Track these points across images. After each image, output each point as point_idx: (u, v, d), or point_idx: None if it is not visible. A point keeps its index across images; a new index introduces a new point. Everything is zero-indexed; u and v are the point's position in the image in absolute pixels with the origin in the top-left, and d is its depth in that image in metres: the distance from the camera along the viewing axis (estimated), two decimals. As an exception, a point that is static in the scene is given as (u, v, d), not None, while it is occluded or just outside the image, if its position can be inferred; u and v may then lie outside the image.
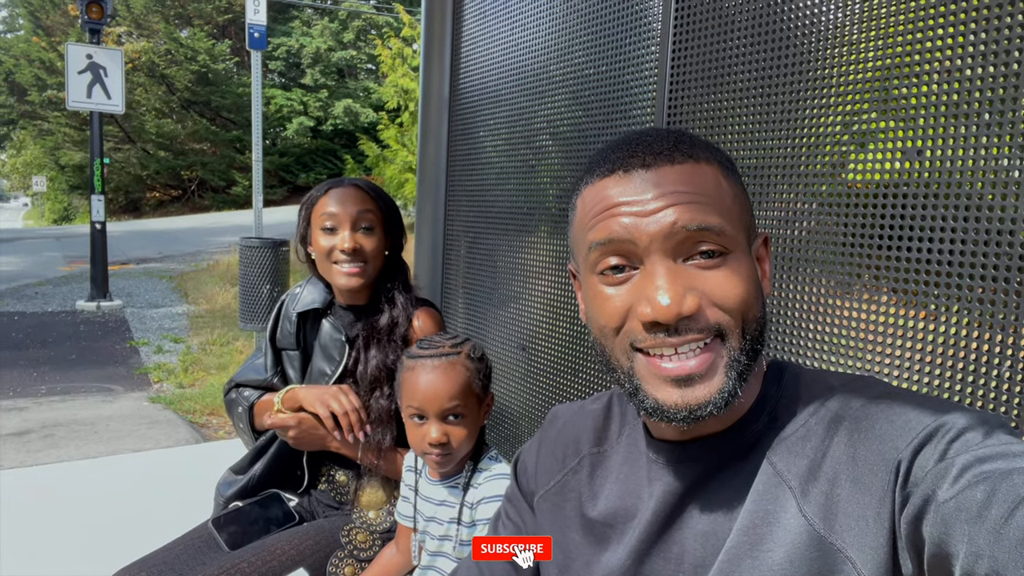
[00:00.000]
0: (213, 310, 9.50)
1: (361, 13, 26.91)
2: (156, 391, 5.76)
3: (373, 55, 25.10)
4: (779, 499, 0.66)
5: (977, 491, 0.52)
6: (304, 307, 1.71)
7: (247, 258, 5.08)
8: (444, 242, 2.45)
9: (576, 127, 1.89)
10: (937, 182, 1.18)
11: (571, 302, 1.90)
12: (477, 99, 2.31)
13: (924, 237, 1.16)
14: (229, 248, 14.17)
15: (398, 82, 11.12)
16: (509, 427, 2.20)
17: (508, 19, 2.16)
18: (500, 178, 2.22)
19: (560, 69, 1.94)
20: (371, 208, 1.60)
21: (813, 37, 1.33)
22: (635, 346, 0.69)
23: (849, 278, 1.26)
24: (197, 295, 10.38)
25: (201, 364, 6.69)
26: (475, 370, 1.31)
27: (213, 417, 5.09)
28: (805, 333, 1.31)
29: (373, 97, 25.56)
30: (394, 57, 11.29)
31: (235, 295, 10.16)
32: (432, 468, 1.35)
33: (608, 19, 1.77)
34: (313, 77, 26.73)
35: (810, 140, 1.31)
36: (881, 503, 0.60)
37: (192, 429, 4.68)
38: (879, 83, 1.26)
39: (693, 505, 0.73)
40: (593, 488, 0.84)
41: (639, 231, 0.67)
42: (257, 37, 4.84)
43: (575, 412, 0.94)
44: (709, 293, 0.67)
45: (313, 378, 1.67)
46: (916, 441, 0.60)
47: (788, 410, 0.72)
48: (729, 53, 1.44)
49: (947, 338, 1.14)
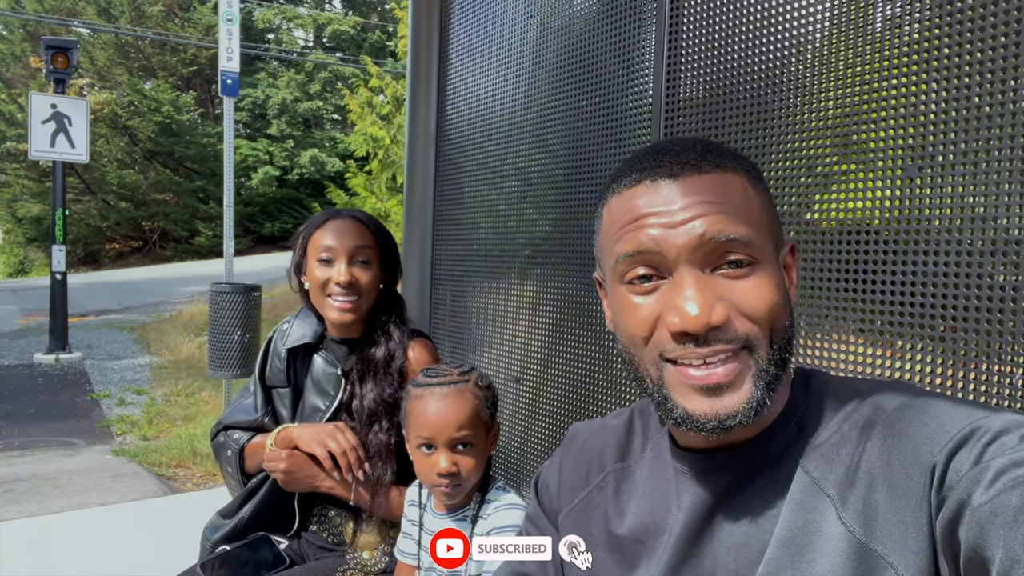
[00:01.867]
0: (177, 361, 9.28)
1: (327, 65, 27.19)
2: (119, 444, 5.57)
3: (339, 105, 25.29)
4: (818, 508, 0.65)
5: (1013, 496, 0.52)
6: (295, 342, 1.68)
7: (217, 304, 5.00)
8: (432, 277, 2.45)
9: (567, 160, 1.92)
10: (898, 219, 1.23)
11: (565, 333, 1.90)
12: (465, 133, 2.33)
13: (887, 275, 1.20)
14: (192, 298, 13.92)
15: (367, 130, 11.20)
16: (506, 459, 2.18)
17: (496, 52, 2.20)
18: (489, 212, 2.23)
19: (550, 101, 1.97)
20: (368, 243, 1.59)
21: (778, 86, 1.39)
22: (664, 356, 0.69)
23: (816, 319, 1.29)
24: (160, 346, 10.14)
25: (166, 415, 6.51)
26: (483, 398, 1.30)
27: (181, 469, 4.93)
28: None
29: (339, 147, 25.66)
30: (362, 106, 11.40)
31: (199, 345, 9.95)
32: (440, 500, 1.32)
33: (600, 52, 1.81)
34: (279, 127, 26.77)
35: (776, 183, 1.36)
36: (919, 508, 0.60)
37: (159, 482, 4.53)
38: (839, 128, 1.32)
39: (724, 516, 0.72)
40: (619, 504, 0.83)
41: (667, 242, 0.67)
42: (230, 84, 4.85)
43: (596, 429, 0.92)
44: (738, 303, 0.67)
45: (306, 415, 1.63)
46: (951, 444, 0.59)
47: (817, 417, 0.71)
48: (719, 95, 1.49)
49: (913, 375, 1.17)
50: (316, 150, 26.21)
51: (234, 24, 4.90)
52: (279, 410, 1.71)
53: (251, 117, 27.56)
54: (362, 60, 15.01)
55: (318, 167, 25.91)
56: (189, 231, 25.91)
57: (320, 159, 25.94)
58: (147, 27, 24.50)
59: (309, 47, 29.83)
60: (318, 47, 29.62)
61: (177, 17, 26.65)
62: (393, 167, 10.78)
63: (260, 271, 13.97)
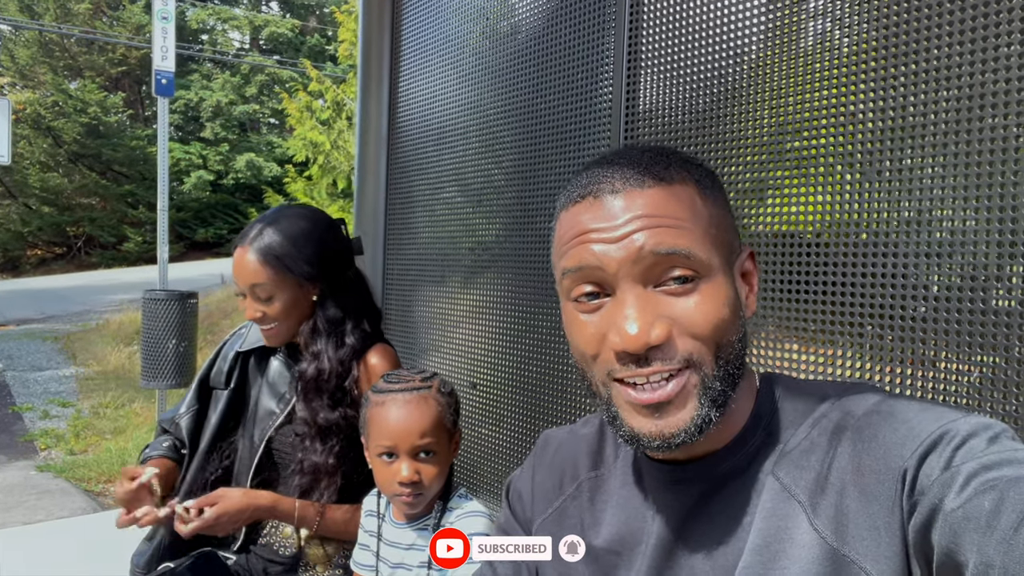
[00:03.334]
0: (105, 371, 8.91)
1: (264, 67, 26.64)
2: (44, 459, 5.31)
3: (277, 109, 24.78)
4: (789, 515, 0.66)
5: (985, 500, 0.52)
6: (251, 345, 1.64)
7: (151, 312, 4.82)
8: (383, 281, 2.41)
9: (522, 164, 1.92)
10: (831, 225, 1.27)
11: (519, 338, 1.90)
12: (417, 136, 2.31)
13: (821, 280, 1.25)
14: (121, 306, 13.39)
15: (306, 135, 11.03)
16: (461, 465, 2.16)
17: (450, 54, 2.18)
18: (442, 215, 2.21)
19: (506, 105, 1.97)
20: (261, 280, 1.50)
21: (717, 96, 1.43)
22: (612, 376, 0.68)
23: (752, 325, 1.33)
24: (86, 356, 9.72)
25: (94, 429, 6.23)
26: (446, 404, 1.27)
27: (111, 485, 4.72)
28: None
29: (277, 151, 25.14)
30: (301, 110, 11.23)
31: (129, 355, 9.58)
32: (401, 509, 1.29)
33: (559, 55, 1.81)
34: (213, 130, 26.07)
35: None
36: (891, 512, 0.60)
37: (88, 498, 4.33)
38: (774, 136, 1.36)
39: (698, 526, 0.72)
40: (595, 514, 0.82)
41: (608, 257, 0.67)
42: (165, 83, 4.70)
43: (567, 435, 0.91)
44: (680, 321, 0.66)
45: (260, 417, 1.59)
46: (921, 449, 0.60)
47: (785, 423, 0.71)
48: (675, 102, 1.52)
49: (850, 374, 1.21)
50: (253, 154, 25.63)
51: (169, 22, 4.75)
52: (209, 413, 1.67)
53: (184, 120, 26.79)
54: (301, 63, 14.77)
55: (255, 172, 25.34)
56: (116, 237, 24.97)
57: (257, 163, 25.37)
58: (73, 25, 23.54)
59: (245, 49, 29.17)
60: (255, 49, 29.00)
61: (105, 15, 25.71)
62: (334, 172, 10.63)
63: (193, 278, 13.53)
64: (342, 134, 10.61)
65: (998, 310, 1.07)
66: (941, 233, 1.13)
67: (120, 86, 26.01)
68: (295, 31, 28.46)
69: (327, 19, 28.12)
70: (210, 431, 1.62)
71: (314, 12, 30.21)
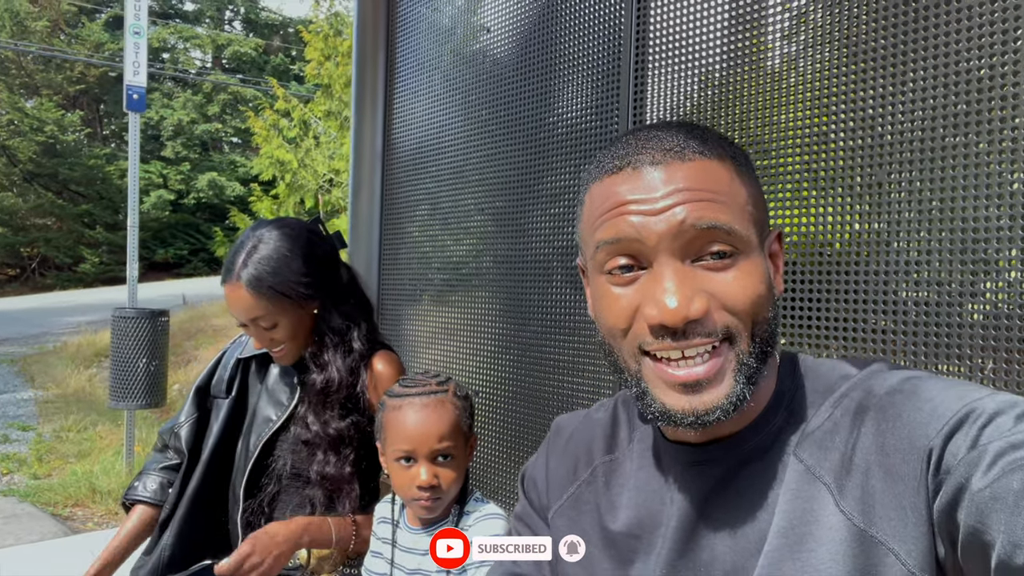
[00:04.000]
0: (65, 394, 8.68)
1: (227, 86, 26.40)
2: (7, 483, 5.16)
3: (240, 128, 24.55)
4: (815, 497, 0.65)
5: (1013, 479, 0.51)
6: (252, 352, 1.65)
7: (121, 330, 4.74)
8: (379, 294, 2.43)
9: (521, 176, 1.95)
10: (801, 243, 1.31)
11: (517, 346, 1.94)
12: (413, 148, 2.33)
13: (793, 297, 1.29)
14: (79, 328, 13.05)
15: (273, 153, 10.97)
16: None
17: (447, 67, 2.20)
18: (440, 228, 2.23)
19: (503, 117, 2.00)
20: (260, 313, 1.47)
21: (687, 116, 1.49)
22: (643, 349, 0.67)
23: None
24: (45, 379, 9.46)
25: (57, 452, 6.08)
26: (462, 408, 1.27)
27: (79, 508, 4.62)
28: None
29: (240, 170, 24.87)
30: (268, 128, 11.17)
31: (90, 377, 9.35)
32: (418, 514, 1.28)
33: (562, 69, 1.85)
34: (174, 149, 25.71)
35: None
36: (916, 492, 0.59)
37: (57, 522, 4.23)
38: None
39: (718, 508, 0.70)
40: (611, 498, 0.81)
41: (647, 230, 0.65)
42: (136, 99, 4.67)
43: (581, 421, 0.91)
44: (718, 295, 0.65)
45: (256, 425, 1.60)
46: (947, 428, 0.59)
47: (807, 402, 0.71)
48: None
49: None
50: (215, 173, 25.31)
51: (141, 37, 4.73)
52: (211, 422, 1.66)
53: (143, 138, 26.36)
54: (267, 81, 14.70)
55: (217, 191, 25.02)
56: (73, 258, 24.37)
57: (219, 183, 25.06)
58: (30, 42, 23.09)
59: (208, 68, 28.89)
60: (217, 68, 28.74)
61: (64, 33, 25.27)
62: (301, 191, 10.56)
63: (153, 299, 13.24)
64: (309, 152, 10.56)
65: (974, 323, 1.10)
66: (910, 251, 1.17)
67: (78, 104, 25.54)
68: (259, 50, 28.30)
69: (291, 39, 28.03)
70: (212, 440, 1.62)
71: (278, 32, 30.09)
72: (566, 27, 1.81)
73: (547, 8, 1.87)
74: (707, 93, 1.51)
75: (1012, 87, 1.07)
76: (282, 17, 30.75)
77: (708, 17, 1.47)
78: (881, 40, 1.22)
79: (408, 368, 2.32)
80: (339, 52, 9.46)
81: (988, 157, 1.10)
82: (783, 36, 1.38)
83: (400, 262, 2.39)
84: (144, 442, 5.86)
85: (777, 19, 1.38)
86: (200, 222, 25.47)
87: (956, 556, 0.57)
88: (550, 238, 1.85)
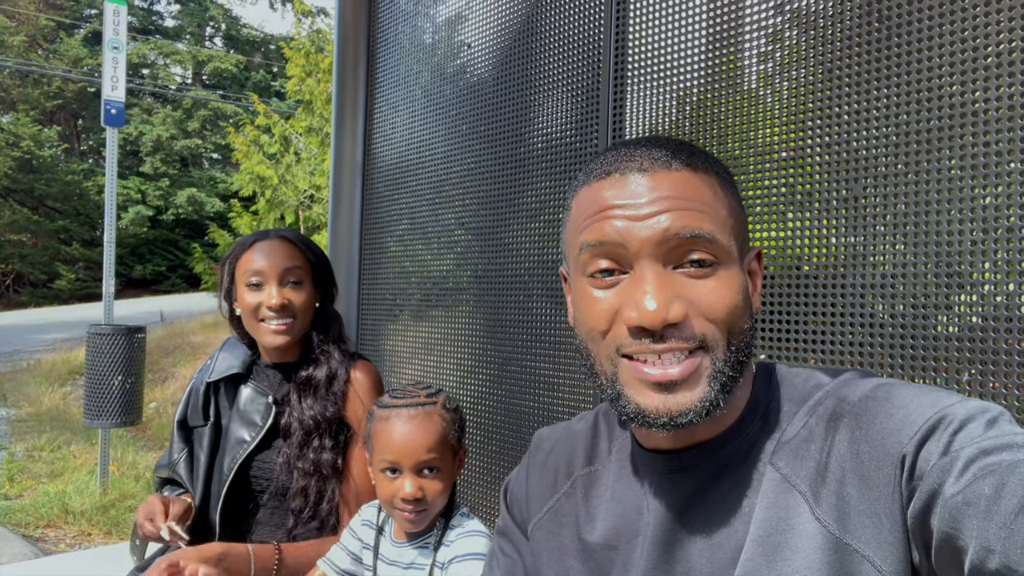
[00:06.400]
0: (39, 413, 8.52)
1: (207, 102, 26.31)
2: (-24, 505, 5.04)
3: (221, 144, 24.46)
4: (791, 506, 0.65)
5: (984, 485, 0.52)
6: (220, 374, 1.62)
7: (96, 347, 4.67)
8: (359, 309, 2.42)
9: (500, 191, 1.96)
10: (774, 259, 1.33)
11: (499, 364, 1.93)
12: (393, 163, 2.33)
13: (769, 313, 1.31)
14: (54, 345, 12.86)
15: (253, 169, 10.92)
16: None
17: (427, 81, 2.22)
18: (420, 243, 2.24)
19: (483, 132, 2.01)
20: (299, 263, 1.55)
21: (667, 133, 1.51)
22: (620, 351, 0.68)
23: None
24: (18, 397, 9.28)
25: (29, 472, 5.95)
26: (451, 421, 1.27)
27: (51, 529, 4.52)
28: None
29: (220, 186, 24.73)
30: (249, 144, 11.13)
31: (64, 395, 9.20)
32: (404, 527, 1.27)
33: (541, 81, 1.87)
34: (153, 165, 25.52)
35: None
36: (891, 499, 0.60)
37: (28, 544, 4.13)
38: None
39: (695, 517, 0.71)
40: (590, 510, 0.81)
41: (631, 235, 0.67)
42: (115, 114, 4.64)
43: (561, 434, 0.91)
44: (697, 302, 0.66)
45: (230, 447, 1.57)
46: (919, 434, 0.60)
47: (782, 411, 0.71)
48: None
49: None
50: (194, 189, 25.14)
51: (120, 52, 4.71)
52: (196, 451, 1.64)
53: (122, 154, 26.15)
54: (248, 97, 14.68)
55: (196, 207, 24.84)
56: (48, 274, 24.05)
57: (199, 199, 24.89)
58: (6, 57, 22.88)
59: (188, 84, 28.78)
60: (197, 84, 28.64)
61: (42, 48, 25.09)
62: (281, 207, 10.51)
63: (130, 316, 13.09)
64: (290, 168, 10.52)
65: (949, 336, 1.12)
66: (885, 265, 1.19)
67: (55, 119, 25.32)
68: (240, 67, 28.26)
69: (273, 55, 28.03)
70: (202, 470, 1.59)
71: (259, 48, 30.08)
72: (546, 44, 1.83)
73: (527, 26, 1.89)
74: (686, 110, 1.52)
75: (983, 103, 1.10)
76: (263, 34, 30.77)
77: (686, 36, 1.50)
78: (856, 58, 1.24)
79: (387, 383, 2.31)
80: (320, 68, 9.47)
81: (961, 172, 1.12)
82: (759, 55, 1.40)
83: (380, 277, 2.39)
84: (119, 461, 5.76)
85: (753, 39, 1.40)
86: (179, 238, 25.25)
87: (930, 562, 0.58)
88: (530, 253, 1.85)
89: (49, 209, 24.42)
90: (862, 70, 1.24)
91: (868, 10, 1.23)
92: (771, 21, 1.38)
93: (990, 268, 1.08)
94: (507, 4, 1.95)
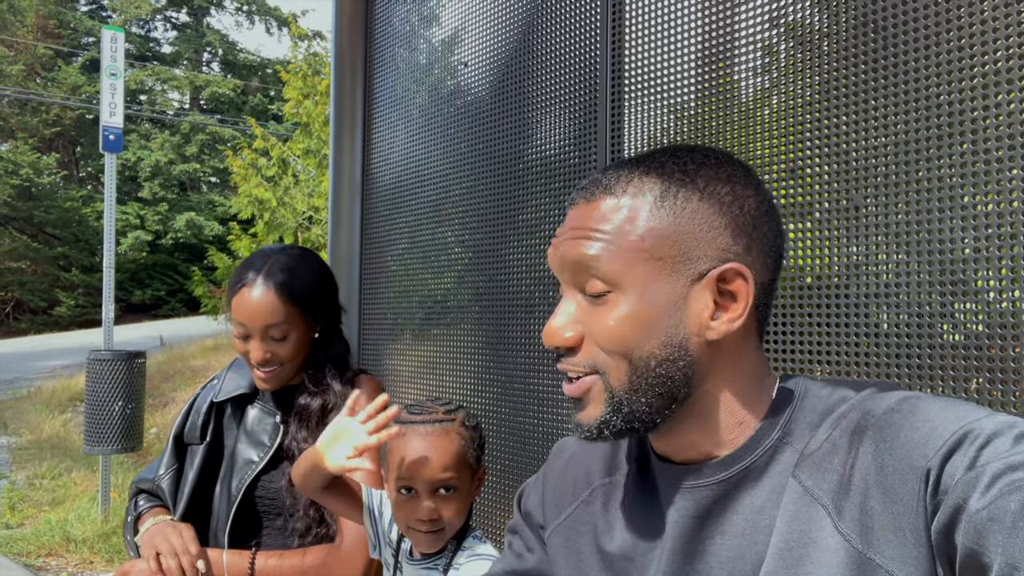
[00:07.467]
0: (39, 440, 8.48)
1: (205, 126, 26.45)
2: (-23, 534, 5.00)
3: (219, 168, 24.57)
4: (813, 519, 0.65)
5: (1011, 500, 0.51)
6: (227, 394, 1.61)
7: (96, 373, 4.66)
8: (360, 329, 2.42)
9: (499, 210, 1.96)
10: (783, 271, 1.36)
11: (501, 382, 1.92)
12: (392, 182, 2.33)
13: (774, 326, 1.30)
14: (54, 372, 12.83)
15: (251, 192, 10.95)
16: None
17: (423, 99, 2.22)
18: (420, 263, 2.23)
19: (481, 151, 2.02)
20: (280, 318, 1.46)
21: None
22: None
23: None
24: (19, 425, 9.25)
25: (30, 500, 5.92)
26: (469, 439, 1.22)
27: (52, 558, 4.49)
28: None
29: (219, 210, 24.81)
30: (247, 167, 11.18)
31: (64, 422, 9.16)
32: (418, 547, 1.24)
33: (539, 98, 1.87)
34: (152, 190, 25.63)
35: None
36: (916, 513, 0.59)
37: (30, 573, 4.10)
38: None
39: (714, 530, 0.71)
40: (608, 519, 0.81)
41: (551, 262, 0.75)
42: (113, 139, 4.66)
43: (582, 443, 0.91)
44: (591, 331, 0.70)
45: (238, 468, 1.57)
46: (945, 448, 0.59)
47: (805, 423, 0.71)
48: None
49: None
50: (193, 213, 25.22)
51: (118, 79, 4.74)
52: (185, 469, 1.62)
53: (120, 180, 26.25)
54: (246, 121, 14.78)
55: (195, 231, 24.90)
56: (48, 301, 24.06)
57: (198, 223, 24.96)
58: (5, 86, 23.04)
59: (186, 109, 28.95)
60: (195, 109, 28.82)
61: (40, 76, 25.27)
62: (280, 229, 10.53)
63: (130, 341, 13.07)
64: (288, 191, 10.55)
65: (955, 344, 1.11)
66: (887, 275, 1.19)
67: (54, 147, 25.47)
68: (237, 91, 28.45)
69: (270, 79, 28.22)
70: (188, 488, 1.58)
71: (256, 72, 30.30)
72: (542, 62, 1.84)
73: (523, 44, 1.90)
74: (683, 125, 1.53)
75: (981, 111, 1.10)
76: (260, 58, 31.00)
77: (682, 51, 1.50)
78: (852, 68, 1.25)
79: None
80: (318, 91, 9.52)
81: (962, 180, 1.12)
82: (754, 69, 1.41)
83: (380, 297, 2.38)
84: (120, 488, 5.72)
85: (748, 53, 1.41)
86: (178, 262, 25.29)
87: None
88: (530, 271, 1.85)
89: (48, 236, 24.50)
90: (859, 80, 1.24)
91: (863, 21, 1.24)
92: (765, 35, 1.39)
93: (994, 276, 1.08)
94: (502, 24, 1.96)
